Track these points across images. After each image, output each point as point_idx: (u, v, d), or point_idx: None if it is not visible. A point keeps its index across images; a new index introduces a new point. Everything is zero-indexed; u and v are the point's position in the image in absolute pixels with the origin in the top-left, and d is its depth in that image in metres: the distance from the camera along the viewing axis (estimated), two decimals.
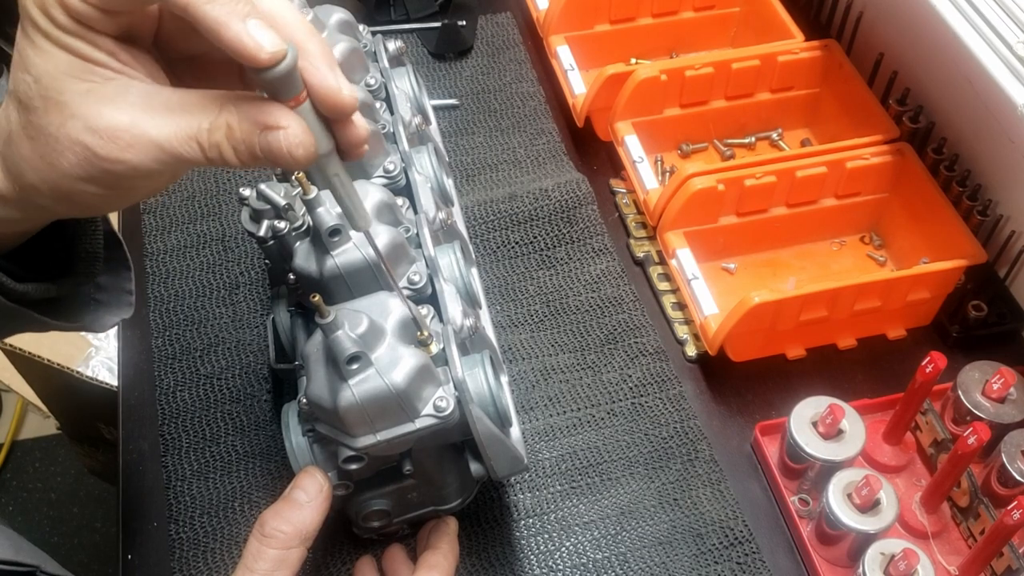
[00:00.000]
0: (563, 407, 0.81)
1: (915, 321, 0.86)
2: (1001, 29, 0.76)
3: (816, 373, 0.84)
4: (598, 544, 0.74)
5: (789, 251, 0.92)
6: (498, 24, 1.13)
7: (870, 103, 0.92)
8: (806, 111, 1.00)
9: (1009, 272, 0.86)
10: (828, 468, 0.72)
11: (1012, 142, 0.81)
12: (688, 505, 0.75)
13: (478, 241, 0.91)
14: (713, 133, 1.00)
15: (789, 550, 0.74)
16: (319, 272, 0.58)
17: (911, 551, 0.65)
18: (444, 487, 0.68)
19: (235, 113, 0.44)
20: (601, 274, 0.89)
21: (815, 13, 1.09)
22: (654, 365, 0.83)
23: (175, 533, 0.74)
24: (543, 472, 0.77)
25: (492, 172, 0.98)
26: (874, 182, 0.90)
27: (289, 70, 0.42)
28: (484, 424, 0.57)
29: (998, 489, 0.72)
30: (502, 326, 0.86)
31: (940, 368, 0.69)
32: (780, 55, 0.95)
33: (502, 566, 0.73)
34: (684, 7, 1.06)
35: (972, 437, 0.66)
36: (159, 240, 0.93)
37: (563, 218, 0.92)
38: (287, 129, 0.44)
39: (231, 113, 0.44)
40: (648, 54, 1.07)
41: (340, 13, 0.70)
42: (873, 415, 0.79)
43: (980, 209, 0.85)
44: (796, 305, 0.79)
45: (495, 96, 1.05)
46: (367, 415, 0.54)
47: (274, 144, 0.44)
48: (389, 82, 0.71)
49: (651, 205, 0.88)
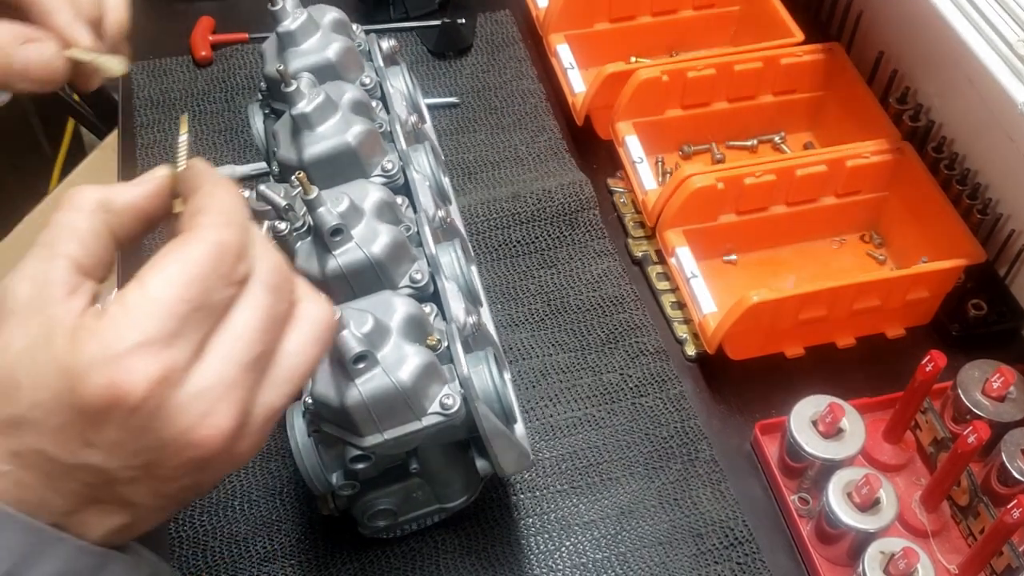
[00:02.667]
0: (563, 406, 0.81)
1: (915, 320, 0.86)
2: (1001, 28, 0.76)
3: (816, 372, 0.84)
4: (598, 544, 0.74)
5: (789, 249, 0.92)
6: (497, 22, 1.13)
7: (873, 108, 0.92)
8: (809, 114, 1.00)
9: (1009, 271, 0.86)
10: (828, 467, 0.72)
11: (1012, 141, 0.81)
12: (688, 505, 0.75)
13: (480, 240, 0.91)
14: (715, 135, 1.00)
15: (789, 549, 0.74)
16: (321, 272, 0.58)
17: (911, 550, 0.65)
18: (450, 485, 0.68)
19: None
20: (602, 274, 0.89)
21: (815, 12, 1.09)
22: (654, 365, 0.83)
23: (175, 532, 0.74)
24: (543, 472, 0.77)
25: (494, 170, 0.98)
26: (874, 181, 0.90)
27: None
28: (490, 421, 0.58)
29: (998, 488, 0.72)
30: (503, 325, 0.86)
31: (940, 367, 0.69)
32: (783, 57, 0.95)
33: (502, 566, 0.73)
34: (684, 6, 1.06)
35: (972, 436, 0.66)
36: (157, 239, 0.92)
37: (566, 221, 0.92)
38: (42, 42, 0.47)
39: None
40: (648, 53, 1.07)
41: (334, 12, 0.70)
42: (873, 414, 0.79)
43: (980, 208, 0.85)
44: (795, 304, 0.79)
45: (495, 94, 1.05)
46: (374, 414, 0.55)
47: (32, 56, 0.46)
48: (384, 81, 0.71)
49: (649, 206, 0.88)
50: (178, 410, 0.38)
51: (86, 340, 0.37)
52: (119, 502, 0.40)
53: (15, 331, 0.38)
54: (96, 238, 0.41)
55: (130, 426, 0.37)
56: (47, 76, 0.48)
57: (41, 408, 0.37)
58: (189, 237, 0.40)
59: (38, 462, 0.38)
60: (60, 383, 0.37)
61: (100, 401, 0.36)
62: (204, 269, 0.39)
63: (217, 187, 0.42)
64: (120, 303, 0.38)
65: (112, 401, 0.36)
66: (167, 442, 0.38)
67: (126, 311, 0.37)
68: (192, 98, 1.05)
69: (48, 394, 0.37)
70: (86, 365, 0.36)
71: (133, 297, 0.38)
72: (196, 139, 1.01)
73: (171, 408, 0.38)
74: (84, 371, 0.36)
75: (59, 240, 0.40)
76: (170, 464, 0.39)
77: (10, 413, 0.37)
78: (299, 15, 0.62)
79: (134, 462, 0.38)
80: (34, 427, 0.37)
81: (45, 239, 0.40)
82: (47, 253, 0.39)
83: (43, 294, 0.38)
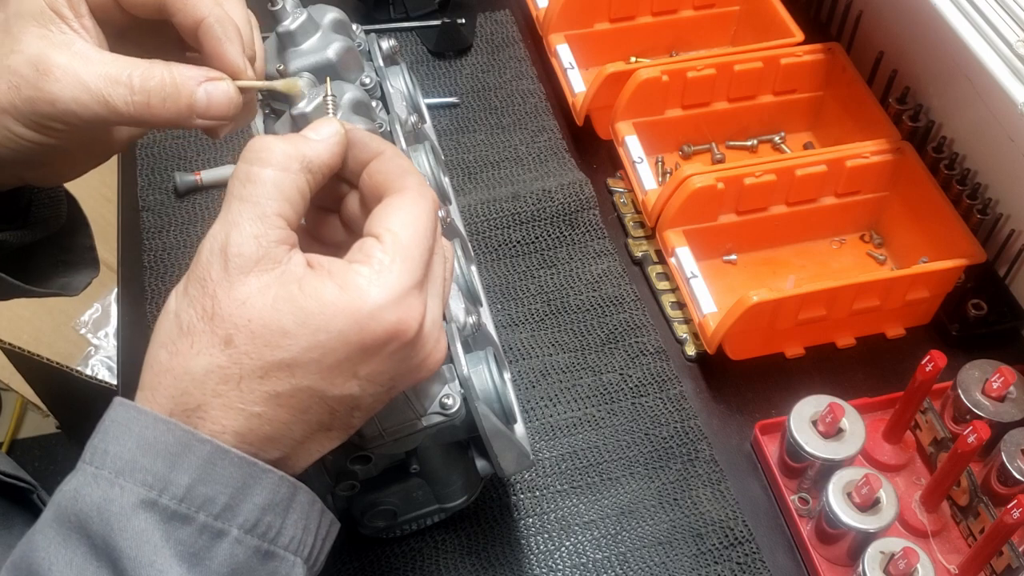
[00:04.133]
0: (563, 406, 0.81)
1: (915, 320, 0.86)
2: (1001, 28, 0.76)
3: (815, 372, 0.84)
4: (598, 544, 0.74)
5: (789, 249, 0.92)
6: (497, 22, 1.13)
7: (873, 108, 0.92)
8: (809, 114, 1.00)
9: (1009, 271, 0.86)
10: (828, 467, 0.72)
11: (1012, 141, 0.81)
12: (688, 505, 0.75)
13: (480, 239, 0.91)
14: (715, 135, 1.00)
15: (789, 549, 0.74)
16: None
17: (911, 550, 0.65)
18: (450, 485, 0.68)
19: (169, 66, 0.49)
20: (602, 274, 0.89)
21: (815, 12, 1.09)
22: (654, 365, 0.83)
23: None
24: (543, 471, 0.77)
25: (494, 170, 0.98)
26: (874, 181, 0.90)
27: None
28: (490, 421, 0.58)
29: (998, 488, 0.72)
30: (502, 325, 0.86)
31: (940, 367, 0.69)
32: (783, 57, 0.95)
33: (502, 566, 0.73)
34: (684, 5, 1.06)
35: (972, 436, 0.66)
36: (158, 238, 0.93)
37: (566, 221, 0.92)
38: (224, 80, 0.50)
39: (165, 66, 0.49)
40: (648, 52, 1.07)
41: (334, 12, 0.69)
42: (873, 414, 0.79)
43: (980, 208, 0.85)
44: (795, 304, 0.79)
45: (495, 94, 1.05)
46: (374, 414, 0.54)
47: (214, 93, 0.49)
48: (384, 81, 0.71)
49: (649, 206, 0.88)
50: (425, 339, 0.45)
51: (364, 287, 0.42)
52: (344, 427, 0.46)
53: (250, 287, 0.42)
54: (303, 199, 0.45)
55: (397, 356, 0.44)
56: (226, 112, 0.51)
57: (320, 348, 0.42)
58: (415, 195, 0.46)
59: (300, 398, 0.43)
60: (347, 325, 0.42)
61: (387, 336, 0.43)
62: (433, 221, 0.46)
63: (398, 152, 0.48)
64: (380, 252, 0.43)
65: (396, 335, 0.43)
66: (412, 368, 0.46)
67: (392, 259, 0.43)
68: None
69: (329, 335, 0.42)
70: (375, 307, 0.42)
71: (392, 246, 0.44)
72: (196, 139, 1.01)
73: (423, 338, 0.45)
74: (373, 313, 0.42)
75: (271, 199, 0.43)
76: (401, 386, 0.47)
77: (281, 357, 0.42)
78: (299, 15, 0.62)
79: (381, 389, 0.45)
80: (307, 367, 0.42)
81: (255, 196, 0.43)
82: (259, 212, 0.43)
83: (270, 255, 0.43)
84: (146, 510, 0.41)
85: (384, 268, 0.43)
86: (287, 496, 0.44)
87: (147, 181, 0.98)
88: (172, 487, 0.41)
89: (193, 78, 0.49)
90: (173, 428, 0.42)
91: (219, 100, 0.50)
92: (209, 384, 0.42)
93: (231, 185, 0.44)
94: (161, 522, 0.41)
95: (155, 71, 0.49)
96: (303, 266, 0.43)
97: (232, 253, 0.42)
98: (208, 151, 1.00)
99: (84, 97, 0.48)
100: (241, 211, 0.43)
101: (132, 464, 0.41)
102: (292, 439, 0.44)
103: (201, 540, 0.41)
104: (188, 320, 0.43)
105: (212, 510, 0.42)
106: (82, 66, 0.48)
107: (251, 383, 0.42)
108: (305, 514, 0.46)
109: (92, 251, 0.66)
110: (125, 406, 0.43)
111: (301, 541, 0.45)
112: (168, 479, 0.41)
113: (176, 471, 0.41)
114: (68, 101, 0.48)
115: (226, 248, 0.42)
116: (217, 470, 0.42)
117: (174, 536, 0.41)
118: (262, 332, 0.42)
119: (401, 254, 0.43)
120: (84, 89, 0.48)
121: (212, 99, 0.50)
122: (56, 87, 0.47)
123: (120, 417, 0.43)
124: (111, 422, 0.43)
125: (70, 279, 0.65)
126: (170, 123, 0.50)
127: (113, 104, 0.48)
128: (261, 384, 0.42)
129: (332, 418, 0.45)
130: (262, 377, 0.42)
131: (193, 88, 0.49)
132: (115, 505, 0.40)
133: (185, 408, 0.42)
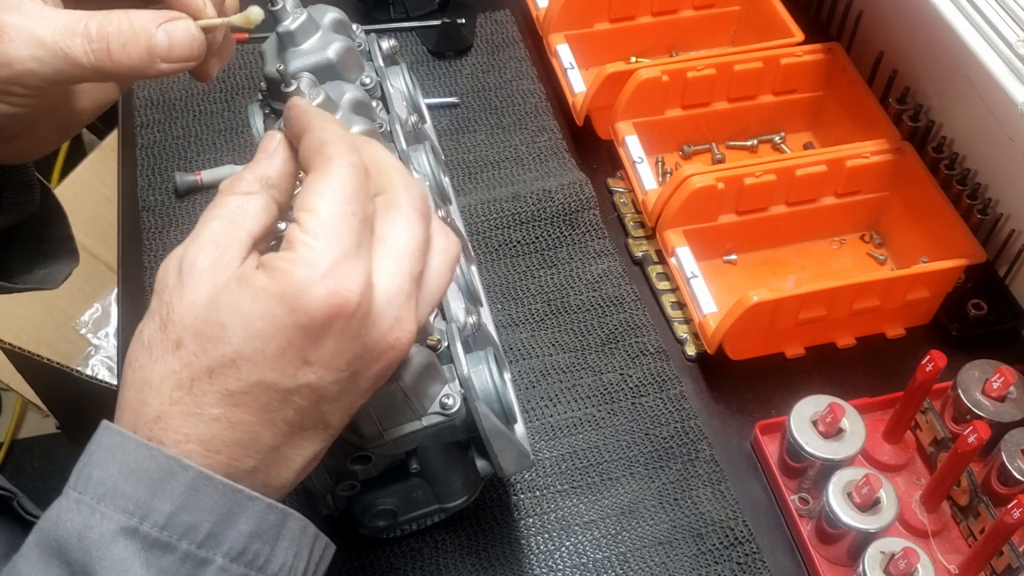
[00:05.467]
0: (563, 406, 0.81)
1: (915, 320, 0.86)
2: (1001, 28, 0.76)
3: (816, 372, 0.84)
4: (598, 544, 0.74)
5: (789, 249, 0.92)
6: (497, 22, 1.13)
7: (873, 108, 0.92)
8: (809, 114, 1.00)
9: (1009, 271, 0.86)
10: (828, 467, 0.72)
11: (1012, 141, 0.81)
12: (688, 505, 0.75)
13: (480, 240, 0.91)
14: (715, 135, 1.00)
15: (789, 549, 0.74)
16: None
17: (911, 550, 0.65)
18: (450, 485, 0.68)
19: (127, 12, 0.48)
20: (602, 274, 0.89)
21: (815, 12, 1.09)
22: (654, 365, 0.83)
23: None
24: (543, 472, 0.77)
25: (494, 170, 0.98)
26: (874, 181, 0.90)
27: None
28: (490, 421, 0.58)
29: (998, 488, 0.72)
30: (503, 325, 0.86)
31: (940, 367, 0.69)
32: (783, 57, 0.95)
33: (502, 566, 0.73)
34: (684, 5, 1.06)
35: (972, 436, 0.66)
36: (158, 239, 0.93)
37: (566, 221, 0.92)
38: (184, 19, 0.49)
39: (122, 12, 0.48)
40: (648, 52, 1.07)
41: (334, 12, 0.70)
42: (873, 414, 0.79)
43: (980, 208, 0.85)
44: (795, 304, 0.79)
45: (495, 94, 1.05)
46: (374, 414, 0.54)
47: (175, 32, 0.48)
48: (384, 81, 0.71)
49: (649, 206, 0.88)
50: (379, 314, 0.43)
51: (288, 269, 0.41)
52: (318, 424, 0.44)
53: (199, 288, 0.42)
54: (268, 213, 0.45)
55: (346, 334, 0.42)
56: (190, 52, 0.49)
57: (258, 338, 0.41)
58: (329, 165, 0.44)
59: (255, 395, 0.42)
60: (277, 308, 0.41)
61: (324, 312, 0.41)
62: (354, 184, 0.43)
63: (327, 121, 0.46)
64: (301, 233, 0.42)
65: (335, 309, 0.41)
66: (370, 347, 0.43)
67: (314, 235, 0.42)
68: (192, 98, 1.05)
69: (264, 323, 0.41)
70: (300, 285, 0.41)
71: (311, 224, 0.42)
72: (196, 139, 1.01)
73: (375, 312, 0.43)
74: (300, 290, 0.41)
75: (231, 217, 0.44)
76: (368, 373, 0.44)
77: (223, 352, 0.41)
78: (299, 15, 0.62)
79: (343, 374, 0.43)
80: (251, 359, 0.41)
81: (216, 215, 0.44)
82: (219, 227, 0.44)
83: (223, 260, 0.43)
84: (126, 537, 0.40)
85: (306, 246, 0.42)
86: (276, 523, 0.44)
87: (147, 181, 0.98)
88: (154, 514, 0.40)
89: (151, 20, 0.48)
90: (156, 454, 0.41)
91: (180, 39, 0.49)
92: (165, 391, 0.42)
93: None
94: (142, 550, 0.40)
95: (112, 17, 0.47)
96: (252, 268, 0.43)
97: (186, 264, 0.43)
98: (208, 151, 1.00)
99: (41, 53, 0.46)
100: (201, 229, 0.44)
101: (113, 490, 0.41)
102: (263, 443, 0.43)
103: (184, 569, 0.41)
104: (149, 333, 0.43)
105: (195, 538, 0.41)
106: (35, 23, 0.46)
107: (202, 384, 0.41)
108: (296, 540, 0.45)
109: (71, 240, 0.66)
110: (110, 430, 0.42)
111: (292, 568, 0.44)
112: (150, 506, 0.40)
113: (158, 498, 0.40)
114: (25, 59, 0.46)
115: (182, 259, 0.43)
116: (200, 497, 0.41)
117: (155, 564, 0.40)
118: (203, 328, 0.41)
119: (322, 228, 0.42)
120: (40, 45, 0.46)
121: (173, 38, 0.48)
122: (11, 47, 0.46)
123: (105, 441, 0.42)
124: (96, 446, 0.42)
125: (50, 270, 0.64)
126: (134, 71, 0.48)
127: (72, 55, 0.46)
128: (211, 384, 0.41)
129: (300, 416, 0.43)
130: (210, 376, 0.41)
131: (152, 30, 0.48)
132: (95, 532, 0.40)
133: (146, 420, 0.42)
